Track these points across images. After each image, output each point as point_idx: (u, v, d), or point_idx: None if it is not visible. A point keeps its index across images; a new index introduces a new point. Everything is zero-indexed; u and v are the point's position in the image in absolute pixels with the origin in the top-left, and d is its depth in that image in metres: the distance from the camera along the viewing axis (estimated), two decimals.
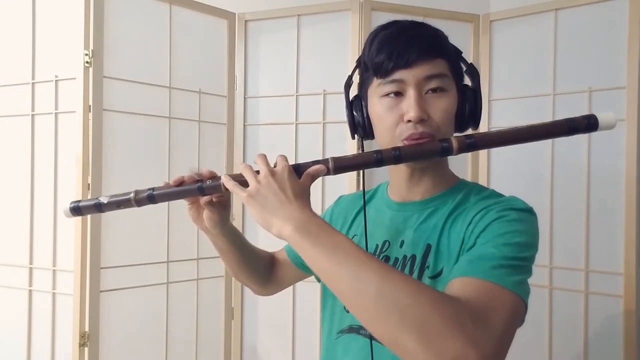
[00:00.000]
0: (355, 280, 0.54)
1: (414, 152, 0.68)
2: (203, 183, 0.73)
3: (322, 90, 1.76)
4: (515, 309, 0.56)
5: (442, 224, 0.72)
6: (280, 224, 0.62)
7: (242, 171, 0.68)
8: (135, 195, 0.75)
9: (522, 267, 0.61)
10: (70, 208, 0.78)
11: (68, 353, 1.48)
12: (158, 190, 0.75)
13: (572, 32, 1.63)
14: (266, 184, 0.64)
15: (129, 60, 1.58)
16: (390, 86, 0.69)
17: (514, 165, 1.73)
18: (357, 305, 0.54)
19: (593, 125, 0.65)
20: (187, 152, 1.72)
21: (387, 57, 0.68)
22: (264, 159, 0.68)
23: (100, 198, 0.77)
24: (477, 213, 0.67)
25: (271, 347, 1.82)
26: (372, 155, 0.68)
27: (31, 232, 1.55)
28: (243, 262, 0.89)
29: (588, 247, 1.58)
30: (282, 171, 0.66)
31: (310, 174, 0.68)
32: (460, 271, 0.60)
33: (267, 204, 0.64)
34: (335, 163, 0.69)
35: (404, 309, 0.50)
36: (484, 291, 0.55)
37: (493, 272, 0.57)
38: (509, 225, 0.63)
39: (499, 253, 0.60)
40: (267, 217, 0.64)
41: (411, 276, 0.71)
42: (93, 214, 0.81)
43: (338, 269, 0.56)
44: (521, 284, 0.59)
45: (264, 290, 0.99)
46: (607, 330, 1.54)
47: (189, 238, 1.71)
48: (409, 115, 0.68)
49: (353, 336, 0.77)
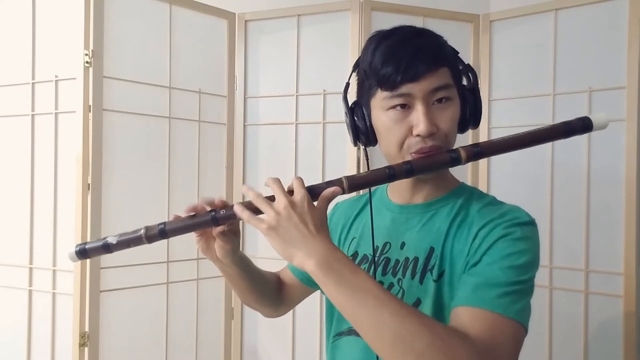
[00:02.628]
0: (374, 321, 0.57)
1: (425, 164, 0.69)
2: (217, 213, 0.69)
3: (322, 90, 1.76)
4: (519, 338, 0.61)
5: (446, 228, 0.72)
6: (303, 257, 0.62)
7: (255, 201, 0.66)
8: (146, 232, 0.72)
9: (525, 291, 0.64)
10: (76, 252, 0.73)
11: (68, 353, 1.48)
12: (170, 225, 0.72)
13: (572, 32, 1.63)
14: (286, 215, 0.63)
15: (129, 60, 1.58)
16: (397, 99, 0.69)
17: (515, 165, 1.73)
18: (375, 344, 0.57)
19: (588, 126, 0.68)
20: (187, 152, 1.72)
21: (394, 70, 0.67)
22: (280, 185, 0.65)
23: (108, 238, 0.73)
24: (483, 227, 0.68)
25: (271, 347, 1.82)
26: (385, 171, 0.69)
27: (31, 232, 1.55)
28: (252, 287, 0.87)
29: (588, 247, 1.58)
30: (302, 202, 0.64)
31: (326, 198, 0.67)
32: (467, 299, 0.62)
33: (287, 237, 0.63)
34: (349, 182, 0.69)
35: (419, 353, 0.54)
36: (492, 325, 0.59)
37: (499, 302, 0.60)
38: (514, 245, 0.65)
39: (505, 278, 0.62)
40: (288, 250, 0.63)
41: (414, 277, 0.72)
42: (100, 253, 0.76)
43: (358, 309, 0.58)
44: (524, 310, 0.62)
45: (275, 313, 0.98)
46: (607, 330, 1.54)
47: (189, 238, 1.70)
48: (419, 130, 0.67)
49: (353, 338, 0.77)
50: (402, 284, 0.73)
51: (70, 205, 1.49)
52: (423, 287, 0.71)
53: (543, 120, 1.65)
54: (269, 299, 0.93)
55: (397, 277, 0.74)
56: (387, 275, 0.75)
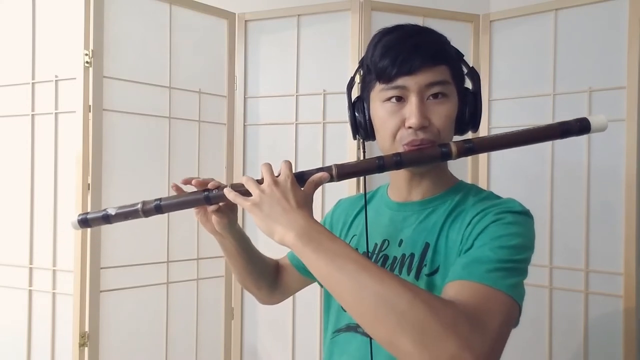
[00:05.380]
0: (355, 285, 0.56)
1: (414, 157, 0.70)
2: (210, 192, 0.74)
3: (322, 90, 1.76)
4: (509, 311, 0.58)
5: (441, 223, 0.73)
6: (283, 231, 0.64)
7: (244, 182, 0.70)
8: (143, 205, 0.76)
9: (517, 270, 0.62)
10: (78, 220, 0.79)
11: (68, 353, 1.48)
12: (165, 201, 0.76)
13: (572, 32, 1.63)
14: (270, 192, 0.66)
15: (129, 60, 1.58)
16: (392, 92, 0.70)
17: (514, 165, 1.73)
18: (357, 309, 0.56)
19: (585, 127, 0.68)
20: (187, 152, 1.72)
21: (390, 63, 0.69)
22: (269, 169, 0.70)
23: (108, 209, 0.78)
24: (476, 215, 0.69)
25: (271, 347, 1.82)
26: (374, 162, 0.70)
27: (31, 232, 1.55)
28: (250, 265, 0.89)
29: (588, 247, 1.58)
30: (285, 180, 0.67)
31: (313, 182, 0.70)
32: (456, 275, 0.61)
33: (270, 212, 0.65)
34: (338, 170, 0.70)
35: (401, 313, 0.52)
36: (480, 294, 0.57)
37: (489, 275, 0.59)
38: (505, 228, 0.65)
39: (495, 256, 0.61)
40: (269, 225, 0.65)
41: (410, 274, 0.73)
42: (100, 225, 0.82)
43: (338, 274, 0.57)
44: (516, 286, 0.60)
45: (270, 298, 0.99)
46: (607, 330, 1.54)
47: (189, 238, 1.71)
48: (410, 122, 0.69)
49: (351, 334, 0.78)
50: None
51: (70, 205, 1.49)
52: (418, 283, 0.71)
53: (543, 121, 1.65)
54: (265, 281, 0.95)
55: (394, 273, 0.75)
56: None
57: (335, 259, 0.58)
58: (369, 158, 0.71)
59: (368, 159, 0.71)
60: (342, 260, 0.58)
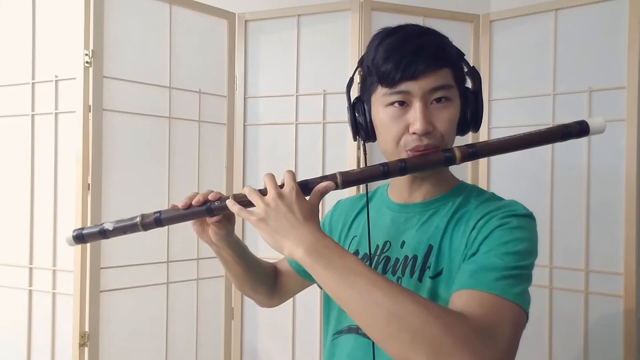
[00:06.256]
0: (366, 302, 0.56)
1: (418, 163, 0.70)
2: (211, 204, 0.72)
3: (322, 90, 1.76)
4: (518, 321, 0.58)
5: (444, 225, 0.73)
6: (292, 246, 0.63)
7: (247, 193, 0.68)
8: (142, 219, 0.74)
9: (524, 276, 0.63)
10: (73, 236, 0.76)
11: (68, 353, 1.48)
12: (165, 214, 0.74)
13: (572, 32, 1.63)
14: (275, 206, 0.65)
15: (129, 60, 1.58)
16: (395, 97, 0.69)
17: (515, 165, 1.73)
18: (369, 326, 0.56)
19: (585, 130, 0.69)
20: (187, 152, 1.72)
21: (394, 67, 0.68)
22: (272, 179, 0.68)
23: (105, 224, 0.75)
24: (480, 219, 0.68)
25: (271, 347, 1.82)
26: (379, 168, 0.70)
27: (31, 232, 1.55)
28: (248, 272, 0.88)
29: (588, 247, 1.58)
30: (290, 192, 0.66)
31: (319, 192, 0.69)
32: (464, 283, 0.61)
33: (276, 227, 0.65)
34: (343, 178, 0.70)
35: (414, 330, 0.53)
36: (489, 305, 0.57)
37: (496, 284, 0.59)
38: (510, 233, 0.65)
39: (502, 263, 0.61)
40: (277, 240, 0.65)
41: (413, 276, 0.72)
42: (96, 240, 0.79)
43: (350, 291, 0.57)
44: (523, 294, 0.61)
45: (269, 301, 0.98)
46: (607, 330, 1.54)
47: (189, 238, 1.71)
48: (415, 128, 0.68)
49: (352, 336, 0.78)
50: (401, 283, 0.73)
51: (70, 205, 1.49)
52: (422, 285, 0.71)
53: (543, 121, 1.66)
54: (263, 287, 0.94)
55: (397, 275, 0.75)
56: (387, 274, 0.76)
57: (346, 276, 0.58)
58: (373, 165, 0.71)
59: (372, 165, 0.71)
60: (352, 277, 0.58)
